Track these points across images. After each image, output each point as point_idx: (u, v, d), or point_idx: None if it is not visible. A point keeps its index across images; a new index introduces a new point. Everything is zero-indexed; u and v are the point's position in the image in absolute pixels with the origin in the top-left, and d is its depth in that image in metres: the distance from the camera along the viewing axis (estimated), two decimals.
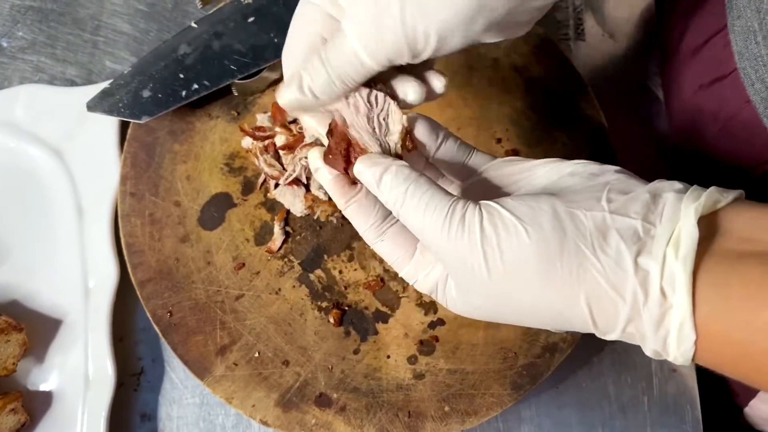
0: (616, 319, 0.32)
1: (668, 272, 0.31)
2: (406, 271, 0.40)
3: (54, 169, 0.61)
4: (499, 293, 0.35)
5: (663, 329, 0.32)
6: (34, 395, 0.56)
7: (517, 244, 0.33)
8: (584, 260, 0.33)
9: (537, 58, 0.64)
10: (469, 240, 0.34)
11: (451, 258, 0.35)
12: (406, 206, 0.36)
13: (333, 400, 0.55)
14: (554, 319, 0.35)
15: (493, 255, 0.34)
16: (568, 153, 0.61)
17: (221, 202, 0.59)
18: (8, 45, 0.67)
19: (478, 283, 0.35)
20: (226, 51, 0.59)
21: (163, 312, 0.56)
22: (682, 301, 0.31)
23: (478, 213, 0.35)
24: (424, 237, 0.36)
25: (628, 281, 0.32)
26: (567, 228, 0.33)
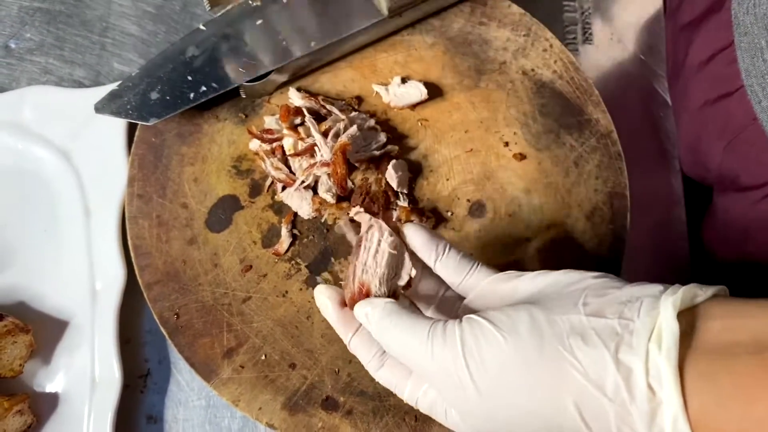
0: (607, 419, 0.32)
1: (653, 367, 0.31)
2: (407, 394, 0.40)
3: (61, 170, 0.61)
4: (490, 408, 0.35)
5: (657, 427, 0.31)
6: (40, 397, 0.56)
7: (498, 351, 0.34)
8: (563, 362, 0.33)
9: (545, 61, 0.63)
10: (451, 353, 0.35)
11: (439, 378, 0.36)
12: (389, 336, 0.37)
13: (340, 403, 0.55)
14: (550, 425, 0.34)
15: (476, 366, 0.34)
16: (576, 157, 0.61)
17: (228, 205, 0.59)
18: (16, 46, 0.67)
19: (470, 400, 0.35)
20: (234, 53, 0.59)
21: (169, 314, 0.56)
22: (671, 395, 0.30)
23: (458, 327, 0.36)
24: (409, 362, 0.37)
25: (608, 378, 0.32)
26: (544, 332, 0.34)
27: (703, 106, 0.62)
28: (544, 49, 0.64)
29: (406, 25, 0.64)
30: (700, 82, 0.63)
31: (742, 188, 0.59)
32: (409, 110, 0.62)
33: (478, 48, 0.64)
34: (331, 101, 0.61)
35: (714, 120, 0.60)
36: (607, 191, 0.60)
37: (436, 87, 0.63)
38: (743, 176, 0.59)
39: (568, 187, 0.60)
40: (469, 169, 0.60)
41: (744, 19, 0.52)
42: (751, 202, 0.58)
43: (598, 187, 0.60)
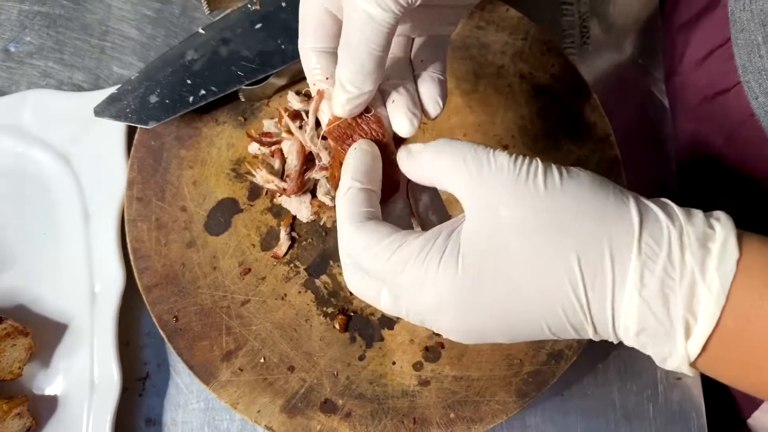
0: (662, 233, 0.32)
1: (713, 215, 0.33)
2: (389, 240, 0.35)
3: (61, 173, 0.61)
4: (544, 200, 0.33)
5: (705, 249, 0.31)
6: (39, 399, 0.56)
7: (577, 170, 0.35)
8: (636, 195, 0.34)
9: (543, 65, 0.64)
10: (529, 160, 0.35)
11: (501, 171, 0.34)
12: (452, 145, 0.36)
13: (338, 406, 0.55)
14: (594, 237, 0.32)
15: (551, 170, 0.34)
16: (574, 160, 0.61)
17: (227, 208, 0.60)
18: (16, 50, 0.67)
19: (523, 190, 0.33)
20: (233, 57, 0.60)
21: (168, 317, 0.56)
22: (726, 222, 0.32)
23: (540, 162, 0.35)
24: (474, 159, 0.35)
25: (674, 209, 0.33)
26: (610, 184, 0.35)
27: (701, 102, 0.62)
28: (542, 53, 0.64)
29: None
30: (697, 79, 0.63)
31: (741, 183, 0.59)
32: None
33: (476, 52, 0.64)
34: None
35: (712, 116, 0.61)
36: None
37: None
38: (741, 171, 0.59)
39: None
40: None
41: (741, 15, 0.53)
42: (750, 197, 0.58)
43: None
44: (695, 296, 0.31)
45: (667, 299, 0.31)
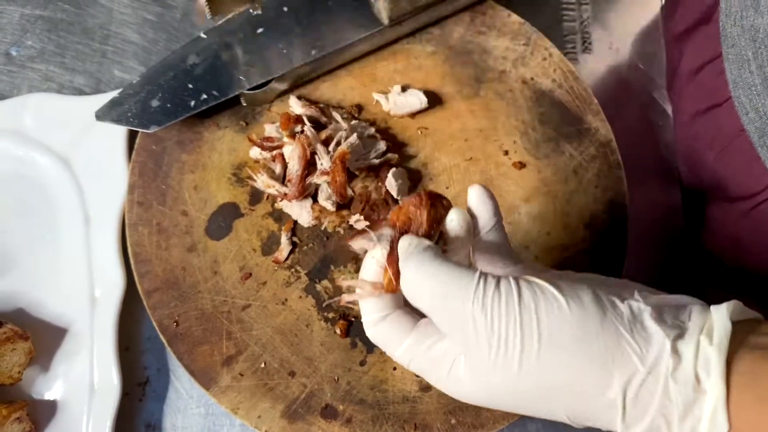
0: (649, 403, 0.31)
1: (702, 357, 0.31)
2: (403, 348, 0.37)
3: (62, 177, 0.61)
4: (526, 371, 0.33)
5: (693, 417, 0.31)
6: (39, 404, 0.56)
7: (558, 313, 0.33)
8: (621, 339, 0.32)
9: (544, 70, 0.64)
10: (506, 305, 0.33)
11: (478, 328, 0.33)
12: (428, 277, 0.35)
13: (339, 411, 0.54)
14: (579, 405, 0.33)
15: (531, 323, 0.32)
16: (576, 165, 0.61)
17: (228, 212, 0.59)
18: (17, 54, 0.67)
19: (502, 362, 0.33)
20: (234, 62, 0.60)
21: (169, 322, 0.56)
22: (716, 385, 0.30)
23: (515, 283, 0.34)
24: (447, 304, 0.34)
25: (662, 363, 0.32)
26: (607, 309, 0.33)
27: (695, 116, 0.62)
28: (543, 58, 0.64)
29: (406, 34, 0.65)
30: (691, 92, 0.63)
31: (733, 198, 0.59)
32: (409, 118, 0.62)
33: (477, 57, 0.64)
34: (332, 109, 0.62)
35: (704, 130, 0.61)
36: (606, 200, 0.60)
37: (436, 96, 0.63)
38: (733, 187, 0.59)
39: (567, 196, 0.60)
40: (468, 178, 0.61)
41: (731, 30, 0.53)
42: (741, 212, 0.58)
43: (598, 196, 0.60)
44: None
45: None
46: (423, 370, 0.37)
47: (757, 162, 0.53)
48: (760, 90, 0.50)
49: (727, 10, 0.54)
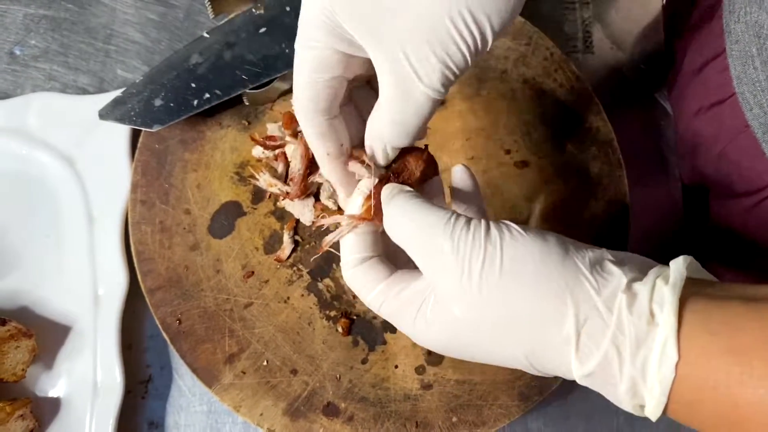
0: (602, 335, 0.32)
1: (657, 294, 0.32)
2: (376, 291, 0.39)
3: (65, 176, 0.61)
4: (486, 299, 0.34)
5: (646, 348, 0.31)
6: (42, 401, 0.56)
7: (522, 247, 0.34)
8: (579, 275, 0.33)
9: (546, 70, 0.64)
10: (472, 237, 0.34)
11: (446, 256, 0.35)
12: (407, 216, 0.37)
13: (341, 409, 0.55)
14: (537, 341, 0.34)
15: (494, 253, 0.34)
16: (577, 164, 0.61)
17: (231, 211, 0.60)
18: (21, 53, 0.67)
19: (467, 288, 0.34)
20: (237, 61, 0.60)
21: (172, 320, 0.56)
22: (668, 318, 0.31)
23: (484, 222, 0.35)
24: (421, 236, 0.36)
25: (617, 297, 0.33)
26: (569, 249, 0.35)
27: (698, 112, 0.62)
28: (544, 58, 0.64)
29: None
30: (694, 89, 0.63)
31: (736, 195, 0.59)
32: None
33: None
34: None
35: (708, 127, 0.61)
36: (607, 199, 0.60)
37: None
38: (736, 183, 0.59)
39: (569, 195, 0.60)
40: None
41: (735, 27, 0.53)
42: (745, 208, 0.58)
43: (599, 195, 0.60)
44: (637, 393, 0.32)
45: (614, 386, 0.33)
46: (392, 313, 0.38)
47: (761, 158, 0.53)
48: (764, 86, 0.50)
49: (730, 6, 0.54)
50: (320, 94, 0.39)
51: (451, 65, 0.35)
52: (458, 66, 0.35)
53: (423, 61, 0.35)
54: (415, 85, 0.35)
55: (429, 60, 0.34)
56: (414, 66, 0.35)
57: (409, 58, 0.35)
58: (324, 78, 0.38)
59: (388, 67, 0.36)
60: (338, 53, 0.37)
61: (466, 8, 0.33)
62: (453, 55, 0.34)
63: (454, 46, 0.34)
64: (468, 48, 0.34)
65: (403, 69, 0.35)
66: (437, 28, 0.34)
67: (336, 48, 0.37)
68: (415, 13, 0.34)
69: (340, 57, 0.38)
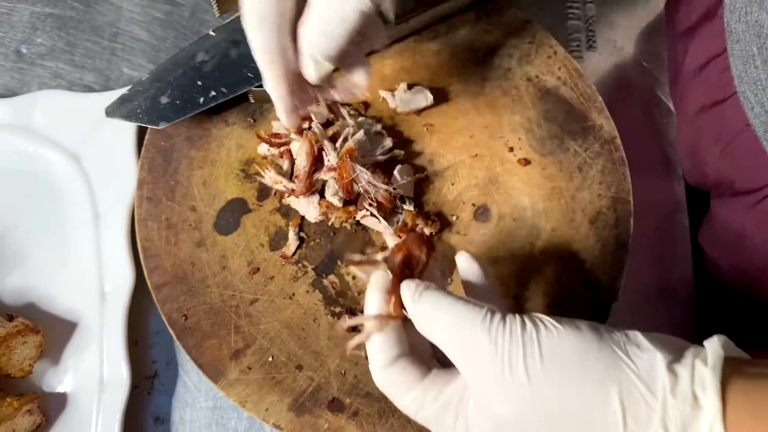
0: (648, 420, 0.32)
1: (698, 376, 0.32)
2: (412, 396, 0.38)
3: (71, 173, 0.62)
4: (530, 394, 0.34)
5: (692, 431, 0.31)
6: (49, 397, 0.57)
7: (557, 338, 0.34)
8: (617, 360, 0.34)
9: (549, 68, 0.64)
10: (510, 332, 0.35)
11: (484, 353, 0.35)
12: (440, 314, 0.37)
13: (346, 405, 0.55)
14: (581, 430, 0.34)
15: (532, 347, 0.34)
16: (580, 162, 0.62)
17: (237, 208, 0.60)
18: (27, 51, 0.68)
19: (509, 384, 0.34)
20: (243, 59, 0.60)
21: (178, 316, 0.57)
22: (712, 400, 0.31)
23: (519, 316, 0.36)
24: (457, 333, 0.36)
25: (659, 379, 0.33)
26: (602, 333, 0.35)
27: (699, 111, 0.62)
28: (548, 56, 0.65)
29: (412, 32, 0.65)
30: (695, 89, 0.63)
31: (737, 193, 0.60)
32: (415, 115, 0.63)
33: (483, 54, 0.65)
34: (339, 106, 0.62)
35: (709, 126, 0.61)
36: (610, 196, 0.60)
37: (442, 92, 0.64)
38: (738, 181, 0.59)
39: (572, 193, 0.61)
40: (474, 174, 0.61)
41: (736, 26, 0.53)
42: (746, 206, 0.58)
43: (602, 193, 0.61)
44: None
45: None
46: (430, 418, 0.38)
47: (762, 156, 0.54)
48: (765, 85, 0.50)
49: (731, 5, 0.54)
50: (269, 7, 0.41)
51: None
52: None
53: None
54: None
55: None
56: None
57: None
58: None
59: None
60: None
61: None
62: None
63: None
64: None
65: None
66: None
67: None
68: None
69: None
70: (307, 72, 0.44)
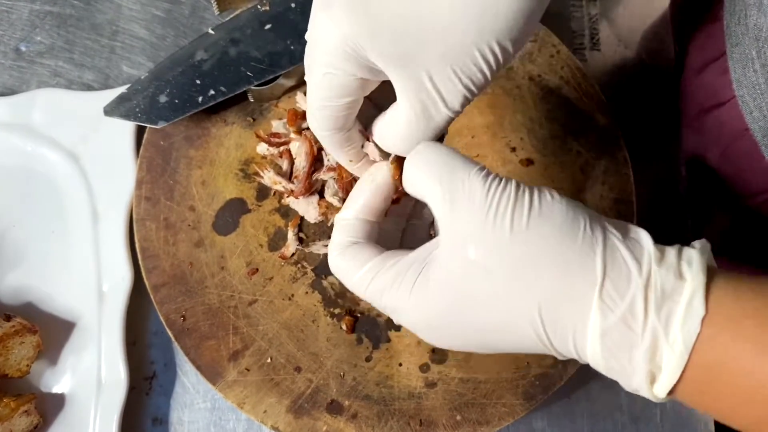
0: (628, 284, 0.31)
1: (685, 255, 0.32)
2: (366, 268, 0.37)
3: (70, 172, 0.61)
4: (511, 238, 0.33)
5: (671, 302, 0.31)
6: (47, 397, 0.57)
7: (550, 199, 0.34)
8: (608, 232, 0.33)
9: (552, 67, 0.64)
10: (504, 183, 0.34)
11: (474, 197, 0.33)
12: (444, 153, 0.36)
13: (344, 407, 0.55)
14: (555, 287, 0.32)
15: (522, 201, 0.33)
16: (583, 162, 0.61)
17: (235, 208, 0.60)
18: (27, 49, 0.67)
19: (490, 228, 0.33)
20: (242, 58, 0.60)
21: (176, 316, 0.56)
22: (696, 274, 0.31)
23: (516, 180, 0.35)
24: (451, 181, 0.34)
25: (645, 250, 0.32)
26: (596, 214, 0.35)
27: (699, 114, 0.62)
28: (551, 55, 0.64)
29: None
30: (696, 91, 0.63)
31: (737, 196, 0.59)
32: None
33: None
34: None
35: (709, 128, 0.60)
36: (613, 197, 0.60)
37: None
38: (737, 185, 0.59)
39: (574, 193, 0.60)
40: None
41: (735, 29, 0.52)
42: (746, 210, 0.58)
43: (604, 193, 0.60)
44: (658, 351, 0.31)
45: (629, 349, 0.31)
46: (384, 286, 0.36)
47: (760, 160, 0.53)
48: (764, 89, 0.50)
49: (731, 8, 0.53)
50: (338, 113, 0.38)
51: (473, 88, 0.35)
52: (479, 87, 0.35)
53: (448, 85, 0.35)
54: (438, 107, 0.35)
55: (454, 85, 0.35)
56: (440, 91, 0.35)
57: (436, 84, 0.35)
58: (343, 102, 0.38)
59: (412, 92, 0.35)
60: (358, 79, 0.37)
61: (494, 39, 0.33)
62: (476, 78, 0.35)
63: (479, 71, 0.34)
64: (491, 70, 0.35)
65: (428, 93, 0.35)
66: (465, 56, 0.34)
67: (357, 75, 0.37)
68: (444, 45, 0.34)
69: (360, 82, 0.37)
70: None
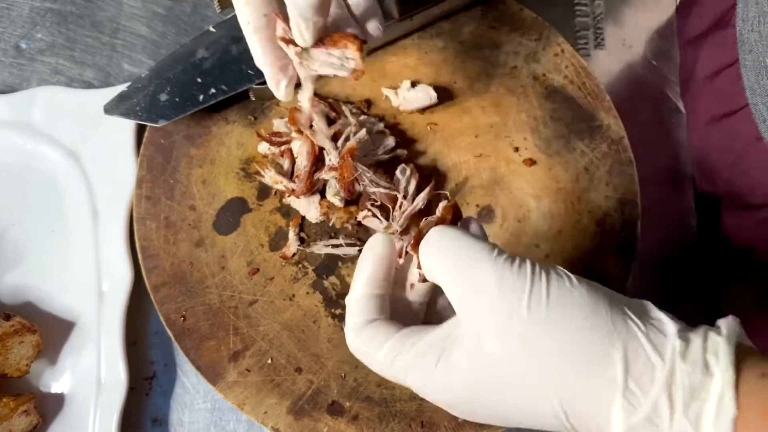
0: (652, 382, 0.30)
1: (711, 344, 0.31)
2: (388, 346, 0.36)
3: (70, 171, 0.61)
4: (530, 333, 0.32)
5: (700, 400, 0.29)
6: (46, 397, 0.56)
7: (568, 284, 0.33)
8: (627, 319, 0.32)
9: (556, 66, 0.63)
10: (518, 269, 0.33)
11: (490, 290, 0.33)
12: (453, 238, 0.36)
13: (345, 408, 0.54)
14: (576, 382, 0.31)
15: (540, 287, 0.32)
16: (587, 163, 0.60)
17: (236, 207, 0.59)
18: (27, 47, 0.67)
19: (506, 320, 0.32)
20: (243, 56, 0.59)
21: (176, 316, 0.56)
22: (725, 368, 0.29)
23: (530, 260, 0.34)
24: (463, 266, 0.34)
25: (669, 343, 0.31)
26: (615, 295, 0.33)
27: (710, 121, 0.61)
28: (555, 54, 0.64)
29: (416, 29, 0.64)
30: (706, 98, 0.62)
31: (748, 206, 0.58)
32: (419, 114, 0.62)
33: (488, 52, 0.64)
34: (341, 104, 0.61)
35: (720, 137, 0.59)
36: (617, 198, 0.59)
37: (446, 91, 0.62)
38: (749, 195, 0.58)
39: (578, 194, 0.59)
40: (478, 174, 0.60)
41: (749, 36, 0.52)
42: (757, 221, 0.57)
43: (609, 194, 0.59)
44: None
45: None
46: (408, 366, 0.35)
47: None
48: None
49: (744, 15, 0.53)
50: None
51: None
52: None
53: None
54: None
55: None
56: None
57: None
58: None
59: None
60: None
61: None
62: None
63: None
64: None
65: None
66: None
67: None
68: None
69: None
70: (299, 33, 0.41)
